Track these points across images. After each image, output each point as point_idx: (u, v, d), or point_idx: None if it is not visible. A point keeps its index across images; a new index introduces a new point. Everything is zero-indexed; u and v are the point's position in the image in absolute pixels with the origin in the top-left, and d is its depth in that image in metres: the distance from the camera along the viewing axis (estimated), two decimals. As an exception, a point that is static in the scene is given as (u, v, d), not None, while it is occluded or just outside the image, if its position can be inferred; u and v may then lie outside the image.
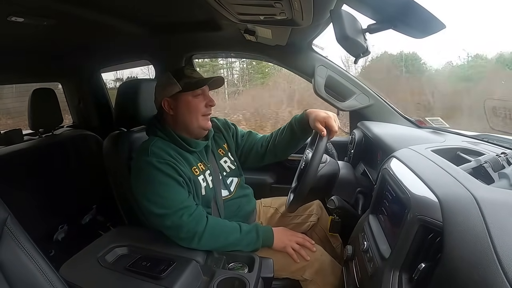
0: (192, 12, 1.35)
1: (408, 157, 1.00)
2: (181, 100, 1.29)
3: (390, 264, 0.79)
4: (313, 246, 1.30)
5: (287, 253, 1.27)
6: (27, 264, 0.81)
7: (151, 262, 1.11)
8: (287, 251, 1.27)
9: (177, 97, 1.29)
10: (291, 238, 1.30)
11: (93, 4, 1.16)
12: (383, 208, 1.01)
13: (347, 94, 1.74)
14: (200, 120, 1.31)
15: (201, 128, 1.33)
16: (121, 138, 1.41)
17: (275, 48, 1.71)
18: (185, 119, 1.30)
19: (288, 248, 1.27)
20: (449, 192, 0.70)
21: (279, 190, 1.94)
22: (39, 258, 0.83)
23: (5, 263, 0.78)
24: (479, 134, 1.33)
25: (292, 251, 1.27)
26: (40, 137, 1.96)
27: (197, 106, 1.30)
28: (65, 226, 1.97)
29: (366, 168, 1.47)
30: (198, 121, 1.31)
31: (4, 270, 0.77)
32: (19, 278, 0.79)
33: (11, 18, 1.08)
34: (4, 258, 0.78)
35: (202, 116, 1.31)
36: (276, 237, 1.29)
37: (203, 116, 1.31)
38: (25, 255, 0.81)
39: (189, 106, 1.29)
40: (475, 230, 0.58)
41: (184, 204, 1.19)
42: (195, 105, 1.30)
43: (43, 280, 0.82)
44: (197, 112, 1.30)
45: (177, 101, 1.29)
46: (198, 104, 1.30)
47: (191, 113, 1.30)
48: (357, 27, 0.87)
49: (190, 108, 1.29)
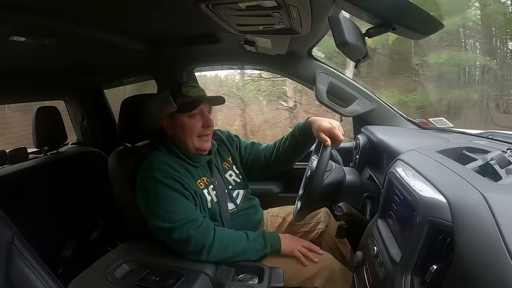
0: (192, 26, 1.36)
1: (414, 159, 0.99)
2: (177, 121, 1.28)
3: (401, 268, 0.77)
4: (319, 250, 1.30)
5: (295, 256, 1.27)
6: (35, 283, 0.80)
7: (160, 276, 1.11)
8: (295, 255, 1.27)
9: (174, 117, 1.28)
10: (297, 242, 1.30)
11: (93, 22, 1.18)
12: (391, 212, 0.99)
13: (349, 100, 1.74)
14: (195, 142, 1.29)
15: (198, 149, 1.31)
16: (125, 154, 1.41)
17: (275, 57, 1.72)
18: (181, 140, 1.29)
19: (296, 252, 1.27)
20: (457, 191, 0.70)
21: (286, 199, 1.92)
22: (47, 276, 0.83)
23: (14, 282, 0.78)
24: (484, 131, 1.32)
25: (300, 254, 1.26)
26: (45, 155, 1.98)
27: (192, 128, 1.28)
28: (72, 243, 1.97)
29: (372, 173, 1.46)
30: (193, 142, 1.29)
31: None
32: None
33: (13, 38, 1.10)
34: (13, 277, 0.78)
35: (198, 137, 1.29)
36: (283, 242, 1.28)
37: (199, 137, 1.29)
38: (33, 273, 0.81)
39: (184, 127, 1.28)
40: (485, 228, 0.57)
41: (191, 217, 1.18)
42: (190, 126, 1.28)
43: (52, 298, 0.82)
44: (192, 134, 1.28)
45: (174, 121, 1.29)
46: (194, 125, 1.28)
47: (185, 134, 1.28)
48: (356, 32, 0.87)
49: (185, 130, 1.28)
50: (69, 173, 1.98)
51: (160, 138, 1.33)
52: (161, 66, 2.00)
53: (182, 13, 1.16)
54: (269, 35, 1.26)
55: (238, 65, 2.38)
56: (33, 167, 1.82)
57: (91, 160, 2.13)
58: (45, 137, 1.93)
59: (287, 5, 0.85)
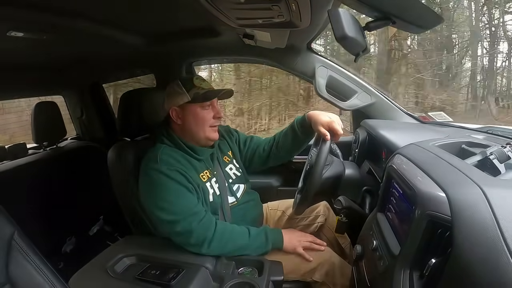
0: (191, 19, 1.35)
1: (413, 153, 0.99)
2: (189, 111, 1.29)
3: (400, 262, 0.78)
4: (322, 246, 1.31)
5: (299, 253, 1.27)
6: (36, 278, 0.80)
7: (160, 270, 1.11)
8: (297, 252, 1.27)
9: (185, 107, 1.29)
10: (300, 238, 1.31)
11: (91, 17, 1.17)
12: (390, 206, 1.00)
13: (348, 93, 1.74)
14: (207, 132, 1.31)
15: (208, 139, 1.33)
16: (125, 148, 1.41)
17: (274, 51, 1.71)
18: (192, 130, 1.31)
19: (299, 249, 1.27)
20: (456, 186, 0.70)
21: (286, 193, 1.93)
22: (48, 271, 0.83)
23: (15, 277, 0.78)
24: (483, 126, 1.32)
25: (303, 251, 1.27)
26: (44, 150, 1.98)
27: (205, 118, 1.30)
28: (73, 238, 1.99)
29: (372, 167, 1.46)
30: (205, 132, 1.31)
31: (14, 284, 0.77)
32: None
33: (11, 33, 1.09)
34: (14, 273, 0.78)
35: (209, 128, 1.31)
36: (286, 239, 1.29)
37: (210, 128, 1.32)
38: (34, 268, 0.81)
39: (197, 118, 1.30)
40: (484, 223, 0.57)
41: (194, 210, 1.19)
42: (203, 116, 1.30)
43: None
44: (205, 124, 1.30)
45: (185, 111, 1.30)
46: (206, 115, 1.30)
47: (198, 124, 1.30)
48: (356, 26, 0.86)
49: (198, 120, 1.30)
50: (69, 168, 1.98)
51: (163, 130, 1.34)
52: (160, 60, 1.99)
53: (182, 7, 1.16)
54: (269, 28, 1.26)
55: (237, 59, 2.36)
56: (32, 163, 1.82)
57: (91, 155, 2.14)
58: (44, 132, 1.93)
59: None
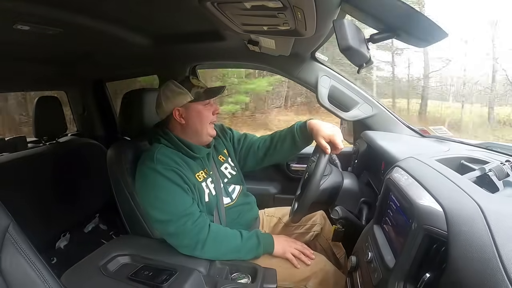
0: (197, 23, 1.36)
1: (412, 167, 0.99)
2: (192, 110, 1.31)
3: (394, 275, 0.77)
4: (312, 254, 1.30)
5: (287, 258, 1.27)
6: (28, 271, 0.80)
7: (153, 271, 1.11)
8: (287, 257, 1.27)
9: (188, 107, 1.31)
10: (290, 244, 1.31)
11: (98, 15, 1.18)
12: (387, 218, 1.00)
13: (350, 104, 1.74)
14: (208, 128, 1.34)
15: (209, 135, 1.35)
16: (124, 147, 1.41)
17: (278, 58, 1.72)
18: (196, 128, 1.33)
19: (288, 254, 1.27)
20: (453, 201, 0.70)
21: (283, 201, 1.93)
22: (40, 265, 0.82)
23: (7, 269, 0.78)
24: (483, 142, 1.32)
25: (292, 256, 1.27)
26: (44, 145, 1.98)
27: (208, 115, 1.33)
28: (67, 234, 1.98)
29: (370, 178, 1.46)
30: (207, 129, 1.34)
31: (6, 276, 0.77)
32: (20, 284, 0.78)
33: (17, 26, 1.10)
34: (6, 265, 0.78)
35: (210, 124, 1.34)
36: (277, 243, 1.29)
37: (210, 124, 1.35)
38: (27, 262, 0.81)
39: (201, 115, 1.32)
40: (480, 239, 0.57)
41: (188, 211, 1.19)
42: (206, 114, 1.33)
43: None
44: (207, 121, 1.33)
45: (189, 110, 1.31)
46: (207, 113, 1.33)
47: (201, 122, 1.32)
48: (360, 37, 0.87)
49: (201, 117, 1.32)
50: (68, 164, 1.98)
51: (159, 130, 1.34)
52: (164, 62, 2.00)
53: (188, 11, 1.17)
54: (273, 35, 1.26)
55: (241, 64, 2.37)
56: (31, 156, 1.82)
57: (90, 152, 2.13)
58: (45, 127, 1.93)
59: (292, 6, 0.85)
